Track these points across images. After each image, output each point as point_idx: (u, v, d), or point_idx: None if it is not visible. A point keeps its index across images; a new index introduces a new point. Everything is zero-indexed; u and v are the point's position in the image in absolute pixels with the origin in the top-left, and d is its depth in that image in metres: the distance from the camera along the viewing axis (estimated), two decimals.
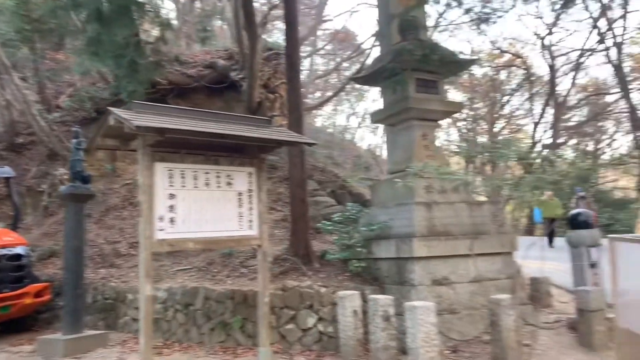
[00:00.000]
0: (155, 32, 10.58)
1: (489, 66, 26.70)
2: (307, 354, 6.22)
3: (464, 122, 29.58)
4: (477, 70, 25.96)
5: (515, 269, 7.28)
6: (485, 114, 29.11)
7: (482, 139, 27.55)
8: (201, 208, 5.32)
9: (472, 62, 9.39)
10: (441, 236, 6.67)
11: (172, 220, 5.10)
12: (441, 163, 7.53)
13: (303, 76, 22.85)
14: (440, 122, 8.52)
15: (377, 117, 8.58)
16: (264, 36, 15.32)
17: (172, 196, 5.12)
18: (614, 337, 5.60)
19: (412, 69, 7.35)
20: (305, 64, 24.38)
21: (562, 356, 5.83)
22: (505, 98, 28.38)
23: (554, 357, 5.79)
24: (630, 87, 23.43)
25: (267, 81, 13.62)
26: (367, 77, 8.43)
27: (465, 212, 7.04)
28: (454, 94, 27.32)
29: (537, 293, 7.80)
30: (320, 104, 22.93)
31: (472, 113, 29.22)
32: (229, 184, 5.53)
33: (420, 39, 7.58)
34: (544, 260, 7.84)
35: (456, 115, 26.94)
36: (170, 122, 4.90)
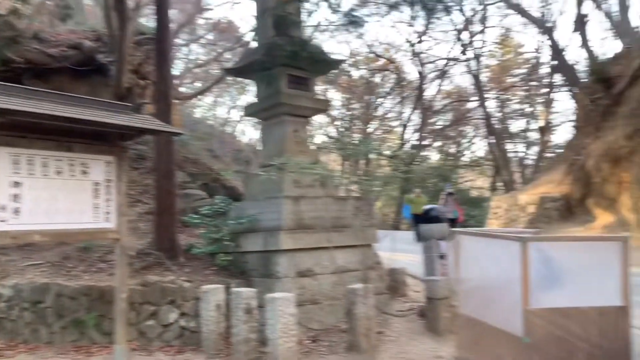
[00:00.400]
0: (9, 4, 9.59)
1: (365, 69, 27.88)
2: (166, 349, 6.06)
3: (341, 121, 30.62)
4: (354, 72, 27.01)
5: (375, 261, 7.71)
6: (361, 114, 30.35)
7: (356, 137, 28.69)
8: (52, 198, 4.94)
9: (340, 62, 9.73)
10: (307, 229, 6.86)
11: (16, 211, 4.69)
12: (312, 159, 7.73)
13: (181, 65, 22.08)
14: (310, 118, 8.74)
15: (250, 111, 8.56)
16: (138, 19, 14.51)
17: (17, 184, 4.71)
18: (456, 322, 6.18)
19: (284, 64, 7.46)
20: (184, 52, 23.58)
21: (411, 341, 6.29)
22: (379, 100, 29.84)
23: (404, 342, 6.24)
24: (486, 96, 25.94)
25: (138, 67, 12.91)
26: (241, 69, 8.38)
27: (330, 206, 7.30)
28: (333, 94, 28.21)
29: (395, 283, 8.32)
30: (196, 94, 22.32)
31: (348, 113, 30.34)
32: (84, 172, 5.18)
33: (292, 36, 7.70)
34: (403, 252, 8.39)
35: (334, 114, 27.88)
36: (15, 104, 4.49)
